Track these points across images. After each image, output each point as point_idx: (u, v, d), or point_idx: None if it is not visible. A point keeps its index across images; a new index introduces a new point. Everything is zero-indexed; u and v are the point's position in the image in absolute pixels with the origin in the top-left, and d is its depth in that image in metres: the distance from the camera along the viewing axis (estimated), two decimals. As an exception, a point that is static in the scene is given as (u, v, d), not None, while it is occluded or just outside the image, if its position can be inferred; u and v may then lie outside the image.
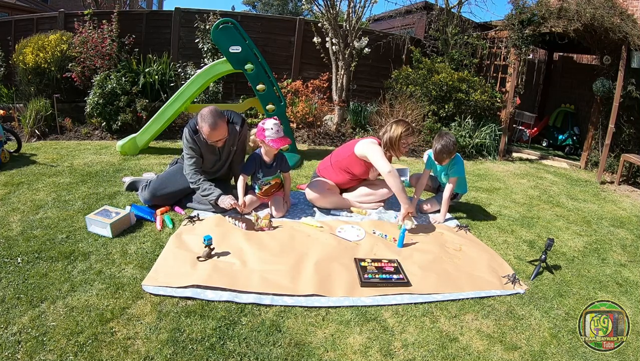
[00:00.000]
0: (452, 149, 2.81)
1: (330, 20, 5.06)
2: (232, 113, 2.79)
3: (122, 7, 8.49)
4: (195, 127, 2.65)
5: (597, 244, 2.83)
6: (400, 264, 2.20)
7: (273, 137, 2.58)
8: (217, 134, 2.55)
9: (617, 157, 4.81)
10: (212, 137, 2.56)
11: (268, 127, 2.57)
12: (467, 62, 5.93)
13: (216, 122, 2.51)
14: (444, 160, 2.87)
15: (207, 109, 2.55)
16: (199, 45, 5.84)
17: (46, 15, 6.36)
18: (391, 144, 2.79)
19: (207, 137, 2.56)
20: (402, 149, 2.82)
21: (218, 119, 2.52)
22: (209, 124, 2.50)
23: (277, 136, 2.59)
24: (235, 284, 1.91)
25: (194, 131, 2.65)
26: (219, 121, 2.53)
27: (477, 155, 5.43)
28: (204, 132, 2.55)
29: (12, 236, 2.27)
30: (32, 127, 4.71)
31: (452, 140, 2.81)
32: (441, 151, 2.81)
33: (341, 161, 2.94)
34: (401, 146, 2.80)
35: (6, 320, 1.60)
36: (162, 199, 2.78)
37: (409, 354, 1.60)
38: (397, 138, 2.76)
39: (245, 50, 3.82)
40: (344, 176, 2.99)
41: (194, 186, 2.69)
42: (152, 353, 1.49)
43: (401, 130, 2.75)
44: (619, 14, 4.58)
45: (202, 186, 2.64)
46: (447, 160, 2.88)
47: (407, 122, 2.85)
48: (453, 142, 2.81)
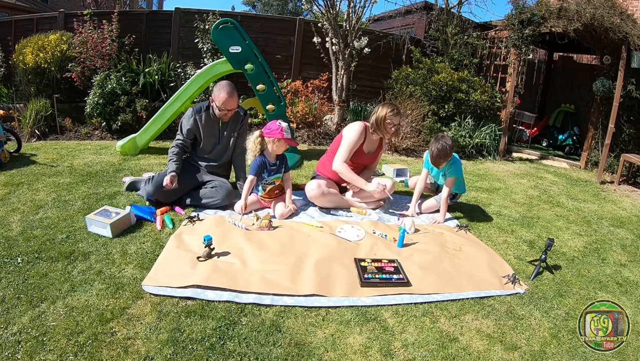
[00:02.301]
0: (448, 153, 2.78)
1: (330, 20, 5.06)
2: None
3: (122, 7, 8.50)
4: (199, 108, 2.92)
5: (597, 244, 2.83)
6: (400, 264, 2.20)
7: (288, 136, 2.74)
8: (232, 102, 2.82)
9: (617, 157, 4.82)
10: (227, 105, 2.81)
11: (285, 128, 2.73)
12: (467, 62, 5.93)
13: (233, 92, 2.81)
14: (441, 164, 2.85)
15: (224, 81, 2.86)
16: (199, 46, 5.84)
17: (46, 15, 6.36)
18: (377, 125, 2.91)
19: (222, 104, 2.79)
20: (388, 129, 2.92)
21: (234, 90, 2.83)
22: (227, 92, 2.77)
23: (288, 137, 2.75)
24: (236, 285, 1.91)
25: (197, 111, 2.90)
26: (235, 93, 2.83)
27: (477, 155, 5.43)
28: (219, 99, 2.78)
29: (12, 236, 2.27)
30: (32, 127, 4.71)
31: (449, 143, 2.77)
32: (438, 155, 2.78)
33: (335, 149, 3.02)
34: (387, 126, 2.90)
35: (6, 320, 1.60)
36: (165, 194, 2.78)
37: (409, 354, 1.60)
38: (382, 118, 2.88)
39: (245, 50, 3.82)
40: None
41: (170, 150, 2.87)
42: (152, 353, 1.49)
43: (386, 110, 2.87)
44: (619, 14, 4.58)
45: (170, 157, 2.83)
46: (444, 163, 2.86)
47: (394, 104, 2.97)
48: (449, 145, 2.77)
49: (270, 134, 2.71)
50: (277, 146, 2.74)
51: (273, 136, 2.70)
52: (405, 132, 5.26)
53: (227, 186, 2.86)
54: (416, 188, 3.10)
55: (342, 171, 2.90)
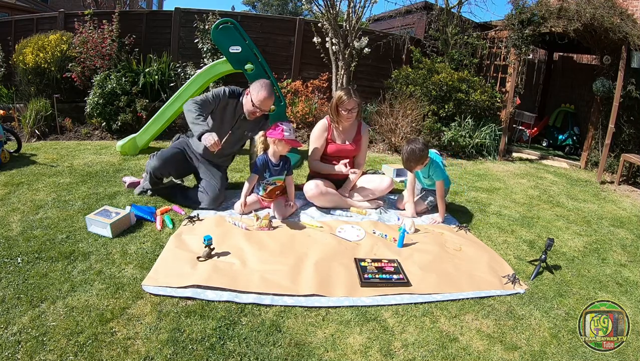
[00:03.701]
0: (419, 156, 2.70)
1: (330, 20, 5.06)
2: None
3: (122, 7, 8.50)
4: (233, 92, 2.80)
5: (597, 244, 2.83)
6: (400, 264, 2.20)
7: (289, 137, 2.71)
8: (268, 103, 2.74)
9: (617, 157, 4.82)
10: (264, 105, 2.73)
11: (287, 129, 2.71)
12: (467, 62, 5.93)
13: (272, 93, 2.72)
14: (414, 168, 2.79)
15: (266, 80, 2.77)
16: (199, 46, 5.83)
17: (46, 15, 6.36)
18: (331, 111, 2.89)
19: (259, 102, 2.70)
20: (343, 115, 2.85)
21: (272, 94, 2.75)
22: (267, 91, 2.69)
23: (291, 137, 2.72)
24: (236, 285, 1.91)
25: (230, 94, 2.78)
26: (272, 97, 2.74)
27: (477, 155, 5.43)
28: (258, 97, 2.69)
29: (12, 236, 2.27)
30: (32, 127, 4.71)
31: (419, 146, 2.69)
32: (407, 159, 2.72)
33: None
34: (340, 112, 2.84)
35: (6, 320, 1.60)
36: (169, 166, 2.80)
37: (409, 354, 1.60)
38: (334, 106, 2.84)
39: (245, 50, 3.82)
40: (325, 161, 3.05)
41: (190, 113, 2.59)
42: (152, 353, 1.49)
43: (339, 94, 2.83)
44: (619, 14, 4.58)
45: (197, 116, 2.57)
46: (418, 167, 2.79)
47: (349, 88, 2.88)
48: (419, 148, 2.68)
49: (271, 135, 2.71)
50: (279, 147, 2.73)
51: (274, 137, 2.70)
52: (405, 132, 5.27)
53: (215, 190, 2.79)
54: (407, 189, 3.07)
55: (314, 167, 2.94)
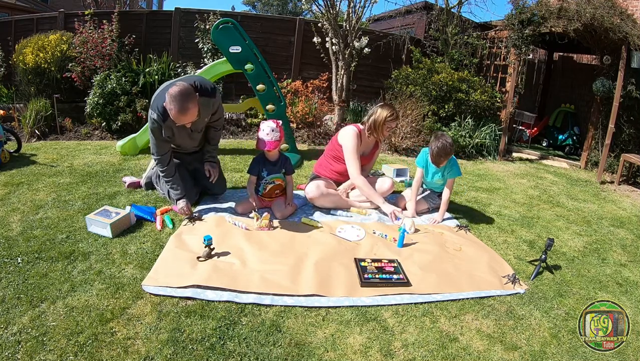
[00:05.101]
0: (449, 151, 2.76)
1: (330, 20, 5.06)
2: (200, 83, 2.58)
3: (122, 7, 8.50)
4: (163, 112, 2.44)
5: (597, 244, 2.83)
6: (400, 264, 2.20)
7: (264, 138, 2.64)
8: (187, 118, 2.37)
9: (617, 157, 4.82)
10: (181, 122, 2.39)
11: (261, 128, 2.66)
12: (467, 62, 5.93)
13: (186, 108, 2.30)
14: (442, 162, 2.83)
15: (176, 89, 2.28)
16: (199, 46, 5.84)
17: (46, 15, 6.36)
18: (375, 127, 2.92)
19: (175, 120, 2.38)
20: (385, 133, 2.96)
21: (188, 102, 2.30)
22: (177, 109, 2.29)
23: (267, 138, 2.63)
24: (236, 285, 1.91)
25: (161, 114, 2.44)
26: (190, 105, 2.31)
27: (477, 155, 5.43)
28: (172, 115, 2.34)
29: (12, 236, 2.27)
30: (32, 128, 4.71)
31: (449, 141, 2.76)
32: (438, 153, 2.76)
33: (331, 149, 3.07)
34: (385, 129, 2.93)
35: (6, 320, 1.60)
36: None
37: (409, 354, 1.60)
38: (381, 122, 2.89)
39: (245, 50, 3.82)
40: (336, 164, 3.05)
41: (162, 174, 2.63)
42: (152, 353, 1.49)
43: (386, 114, 2.87)
44: (619, 14, 4.58)
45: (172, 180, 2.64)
46: (444, 162, 2.84)
47: (393, 106, 2.99)
48: (450, 143, 2.75)
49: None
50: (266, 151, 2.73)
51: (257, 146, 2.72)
52: (405, 132, 5.26)
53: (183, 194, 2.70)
54: (412, 187, 3.08)
55: (360, 185, 2.91)
